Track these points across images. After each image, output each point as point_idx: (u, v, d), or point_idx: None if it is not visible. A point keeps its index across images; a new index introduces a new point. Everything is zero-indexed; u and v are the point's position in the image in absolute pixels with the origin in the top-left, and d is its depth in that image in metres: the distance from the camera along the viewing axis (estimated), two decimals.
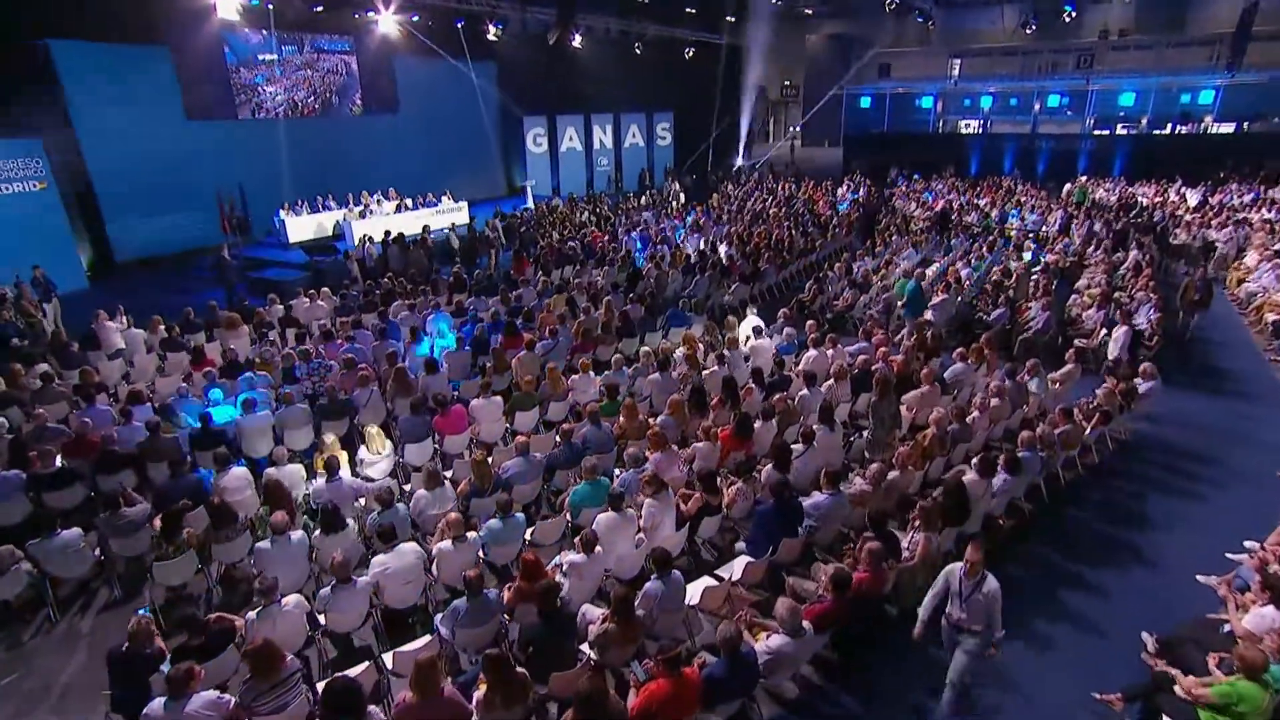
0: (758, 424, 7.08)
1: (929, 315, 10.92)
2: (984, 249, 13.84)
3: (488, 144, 24.19)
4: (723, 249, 14.54)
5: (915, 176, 23.23)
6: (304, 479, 6.42)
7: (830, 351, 8.90)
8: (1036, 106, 28.99)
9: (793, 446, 6.54)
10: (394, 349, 9.03)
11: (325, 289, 11.49)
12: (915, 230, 16.52)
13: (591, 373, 8.42)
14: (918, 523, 5.34)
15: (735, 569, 5.47)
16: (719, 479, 6.36)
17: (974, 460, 6.14)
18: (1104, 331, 9.85)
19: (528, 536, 5.87)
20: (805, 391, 7.68)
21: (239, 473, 6.21)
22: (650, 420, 7.35)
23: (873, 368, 8.25)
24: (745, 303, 12.06)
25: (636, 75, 25.65)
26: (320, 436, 7.52)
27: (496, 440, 7.75)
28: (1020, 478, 6.17)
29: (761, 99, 43.25)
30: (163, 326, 9.77)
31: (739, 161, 30.44)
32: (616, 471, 6.56)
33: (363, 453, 6.85)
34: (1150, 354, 9.28)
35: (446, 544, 5.29)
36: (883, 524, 5.28)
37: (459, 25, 19.76)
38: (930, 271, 13.24)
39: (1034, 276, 12.44)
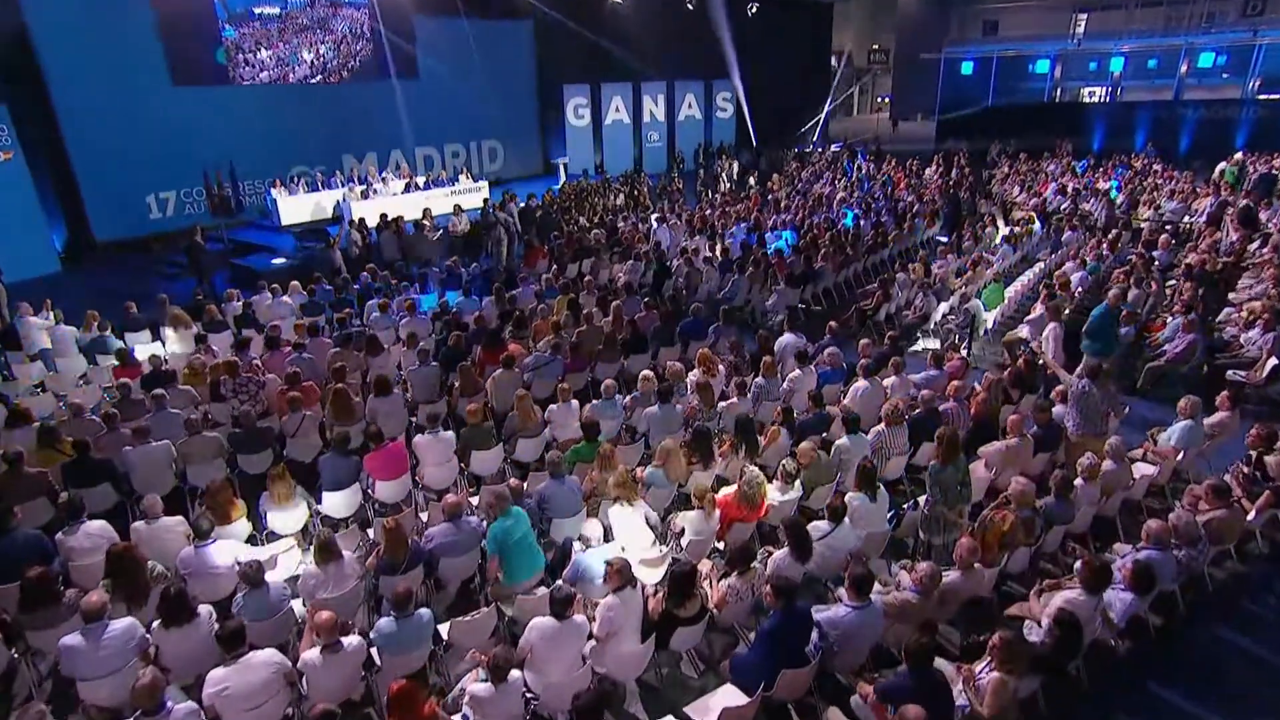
0: (774, 485, 5.73)
1: (1023, 332, 9.25)
2: (1103, 246, 11.90)
3: (521, 116, 23.35)
4: (774, 242, 13.09)
5: (1021, 155, 20.93)
6: (190, 539, 5.47)
7: (889, 382, 7.41)
8: (1183, 67, 25.91)
9: (816, 524, 5.17)
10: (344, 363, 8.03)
11: (295, 282, 10.71)
12: (1015, 221, 14.53)
13: (574, 401, 7.21)
14: (993, 659, 3.90)
15: (712, 709, 4.17)
16: (709, 567, 5.08)
17: (1077, 565, 4.62)
18: (1273, 361, 7.97)
19: (445, 634, 4.74)
20: (845, 439, 6.25)
21: (94, 528, 5.30)
22: (639, 472, 6.11)
23: (940, 408, 6.74)
24: (792, 310, 10.55)
25: (694, 38, 24.19)
26: (236, 473, 6.68)
27: (449, 487, 6.67)
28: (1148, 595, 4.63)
29: (845, 67, 41.15)
30: (97, 324, 9.14)
31: (815, 139, 28.62)
32: (578, 547, 5.36)
33: (265, 503, 5.86)
34: None
35: (314, 654, 4.19)
36: (925, 661, 3.86)
37: None
38: (1032, 274, 11.45)
39: (1171, 283, 10.55)
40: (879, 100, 41.90)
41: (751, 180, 20.61)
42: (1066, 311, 9.65)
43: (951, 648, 4.88)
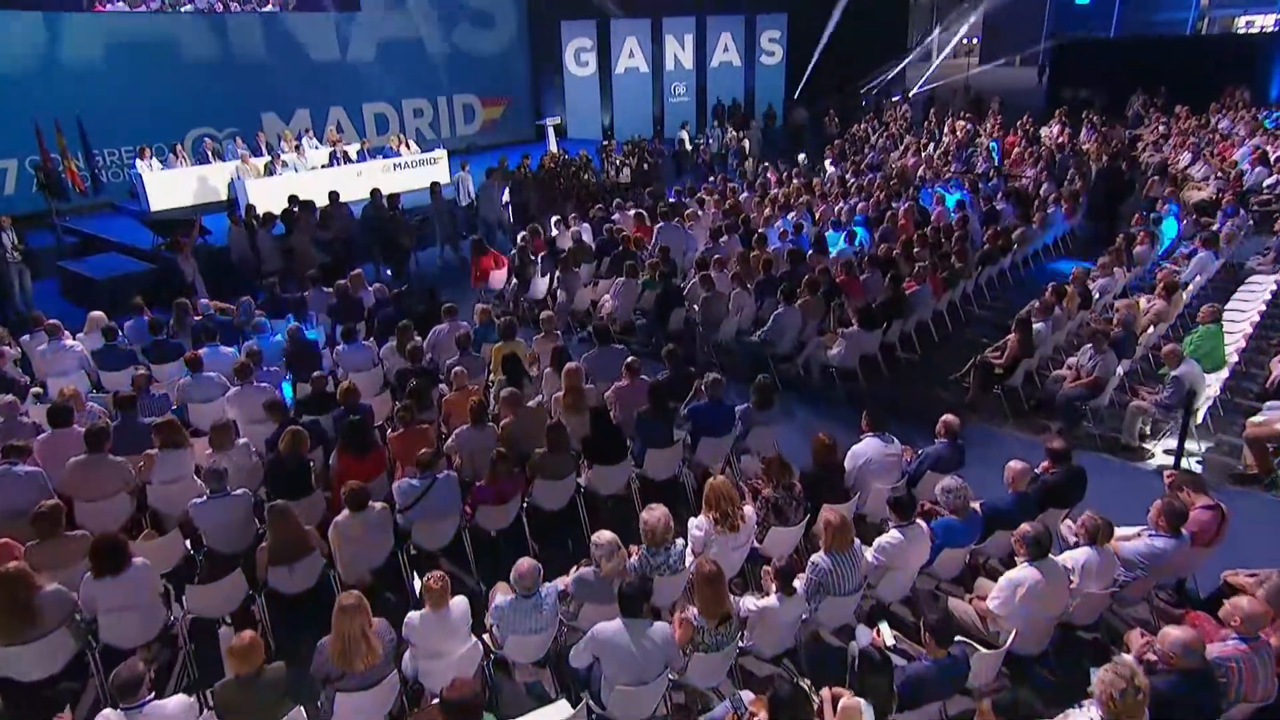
0: None
1: (1266, 418, 5.97)
2: None
3: (507, 64, 21.32)
4: (838, 243, 9.93)
5: (1177, 109, 17.21)
6: None
7: (1078, 561, 4.20)
8: None
9: None
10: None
11: (95, 314, 7.87)
12: (1196, 207, 10.96)
13: (456, 603, 4.13)
14: None
15: None
16: None
17: None
18: None
19: None
20: None
21: None
22: None
23: (1213, 656, 3.54)
24: (869, 362, 7.34)
25: None
26: None
27: None
28: None
29: None
30: None
31: (894, 91, 25.28)
32: None
33: None
34: None
35: None
36: None
37: None
38: (1264, 300, 8.07)
39: None
40: (966, 41, 38.19)
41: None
42: None
43: None
